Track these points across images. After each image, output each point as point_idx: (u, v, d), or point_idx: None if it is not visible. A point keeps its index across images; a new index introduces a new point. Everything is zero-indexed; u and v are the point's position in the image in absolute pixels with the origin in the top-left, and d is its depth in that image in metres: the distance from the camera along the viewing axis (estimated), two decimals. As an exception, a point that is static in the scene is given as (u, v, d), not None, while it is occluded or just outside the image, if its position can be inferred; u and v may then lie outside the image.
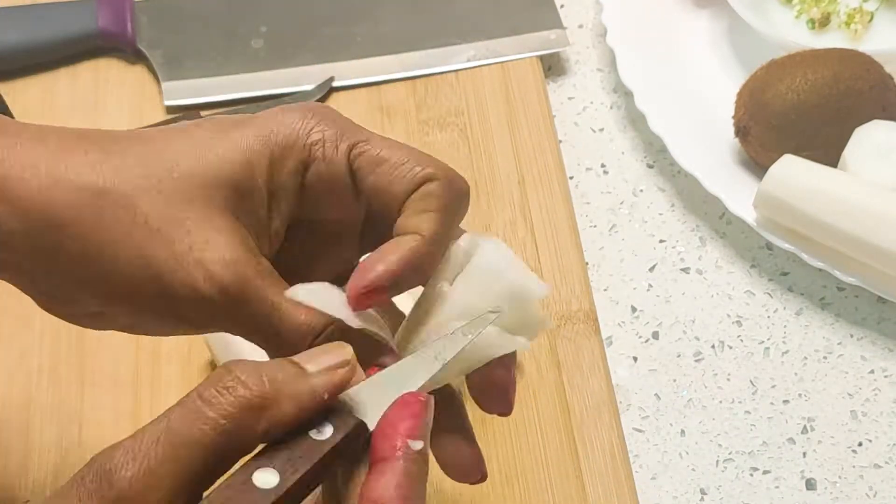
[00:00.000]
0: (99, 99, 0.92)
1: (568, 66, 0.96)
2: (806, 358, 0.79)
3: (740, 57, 0.93)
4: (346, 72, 0.93)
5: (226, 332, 0.52)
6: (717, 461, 0.75)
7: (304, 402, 0.45)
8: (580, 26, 0.98)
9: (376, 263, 0.50)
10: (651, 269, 0.84)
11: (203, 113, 0.89)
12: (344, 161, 0.52)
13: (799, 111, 0.81)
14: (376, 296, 0.50)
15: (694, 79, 0.91)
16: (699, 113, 0.89)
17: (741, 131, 0.84)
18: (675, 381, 0.79)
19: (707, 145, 0.87)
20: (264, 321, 0.50)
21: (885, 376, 0.78)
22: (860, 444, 0.76)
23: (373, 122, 0.90)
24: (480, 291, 0.52)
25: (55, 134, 0.52)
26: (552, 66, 0.95)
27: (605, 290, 0.83)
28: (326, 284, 0.52)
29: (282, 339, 0.50)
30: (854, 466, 0.75)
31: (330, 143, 0.52)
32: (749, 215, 0.82)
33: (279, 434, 0.44)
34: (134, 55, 0.94)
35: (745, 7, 0.90)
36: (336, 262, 0.56)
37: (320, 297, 0.51)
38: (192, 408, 0.43)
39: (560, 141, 0.91)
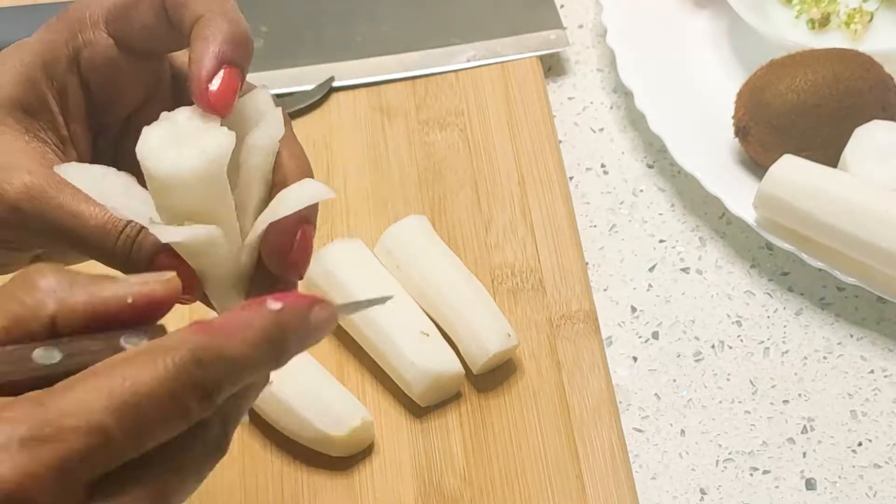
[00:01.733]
0: (99, 99, 0.92)
1: (568, 66, 0.96)
2: (806, 358, 0.79)
3: (740, 57, 0.93)
4: (346, 72, 0.93)
5: (47, 249, 0.54)
6: (717, 461, 0.75)
7: (102, 297, 0.44)
8: (580, 26, 0.98)
9: (200, 56, 0.50)
10: (651, 269, 0.84)
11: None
12: (104, 36, 0.54)
13: (799, 111, 0.81)
14: (224, 86, 0.50)
15: (694, 79, 0.91)
16: (699, 113, 0.89)
17: (741, 131, 0.84)
18: (675, 381, 0.79)
19: (707, 145, 0.87)
20: (71, 231, 0.51)
21: (885, 376, 0.78)
22: (860, 444, 0.76)
23: (373, 122, 0.90)
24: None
25: None
26: (552, 66, 0.96)
27: (605, 290, 0.83)
28: (109, 169, 0.50)
29: (91, 246, 0.51)
30: (854, 466, 0.75)
31: (86, 31, 0.54)
32: (749, 215, 0.82)
33: (72, 324, 0.44)
34: (134, 55, 0.94)
35: (745, 7, 0.90)
36: None
37: (91, 178, 0.50)
38: None
39: (560, 141, 0.91)
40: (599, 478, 0.72)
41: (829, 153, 0.81)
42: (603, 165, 0.90)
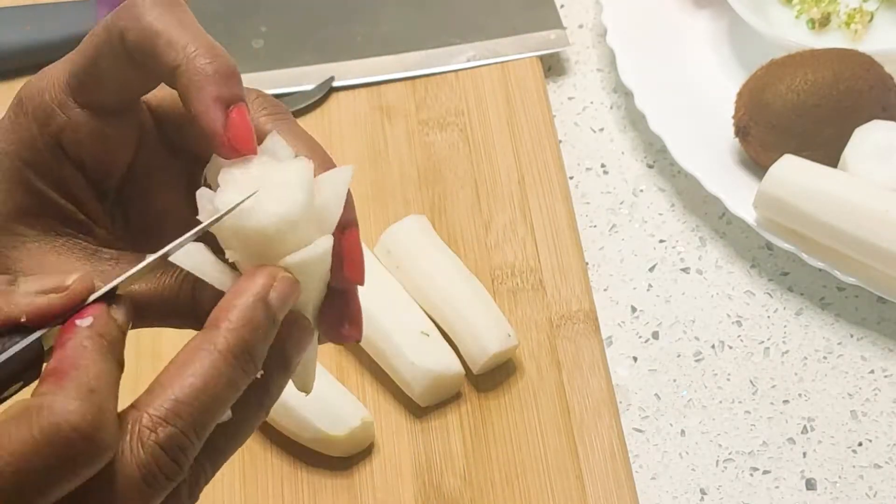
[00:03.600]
0: (99, 99, 0.92)
1: (568, 66, 0.96)
2: (806, 358, 0.79)
3: (740, 57, 0.93)
4: (346, 72, 0.93)
5: None
6: (717, 461, 0.75)
7: None
8: (580, 26, 0.98)
9: (210, 105, 0.47)
10: (651, 269, 0.84)
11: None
12: (77, 111, 0.50)
13: (799, 111, 0.81)
14: (243, 118, 0.48)
15: (694, 79, 0.91)
16: (699, 113, 0.89)
17: (741, 131, 0.84)
18: (675, 381, 0.79)
19: (707, 145, 0.87)
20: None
21: (885, 376, 0.78)
22: (860, 444, 0.76)
23: (373, 122, 0.90)
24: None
25: None
26: (552, 66, 0.96)
27: (605, 290, 0.83)
28: (200, 246, 0.48)
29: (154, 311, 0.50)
30: (854, 466, 0.75)
31: (55, 115, 0.50)
32: (749, 215, 0.82)
33: None
34: (134, 55, 0.94)
35: (745, 7, 0.90)
36: (172, 201, 0.54)
37: (195, 260, 0.48)
38: None
39: (560, 141, 0.91)
40: (599, 478, 0.72)
41: (829, 153, 0.81)
42: (603, 165, 0.90)
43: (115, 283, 0.46)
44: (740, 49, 0.93)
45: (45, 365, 0.45)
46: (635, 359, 0.80)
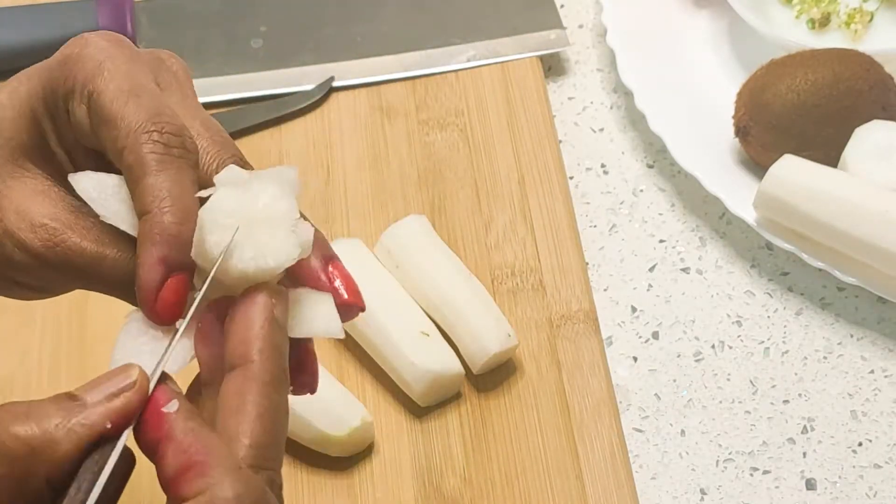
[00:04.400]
0: (99, 99, 0.92)
1: (568, 66, 0.96)
2: (806, 358, 0.79)
3: (740, 57, 0.93)
4: (346, 72, 0.93)
5: (69, 290, 0.53)
6: (717, 461, 0.75)
7: (83, 436, 0.45)
8: (580, 26, 0.98)
9: (139, 271, 0.48)
10: (651, 269, 0.84)
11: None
12: (87, 116, 0.51)
13: (799, 111, 0.81)
14: (170, 295, 0.48)
15: (694, 79, 0.91)
16: (699, 113, 0.89)
17: (741, 131, 0.84)
18: (675, 381, 0.79)
19: (707, 145, 0.87)
20: (94, 272, 0.50)
21: (885, 376, 0.78)
22: (860, 444, 0.76)
23: (373, 122, 0.90)
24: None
25: None
26: (552, 66, 0.96)
27: (605, 290, 0.83)
28: (116, 179, 0.49)
29: (109, 284, 0.50)
30: (854, 466, 0.75)
31: (77, 94, 0.51)
32: (749, 215, 0.82)
33: (69, 470, 0.44)
34: (134, 55, 0.94)
35: (745, 7, 0.90)
36: None
37: (100, 187, 0.49)
38: None
39: (560, 141, 0.91)
40: (599, 478, 0.72)
41: (829, 153, 0.81)
42: (603, 165, 0.90)
43: (161, 367, 0.47)
44: (740, 49, 0.93)
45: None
46: (635, 359, 0.80)
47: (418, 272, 0.78)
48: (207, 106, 0.90)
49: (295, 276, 0.50)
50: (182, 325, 0.48)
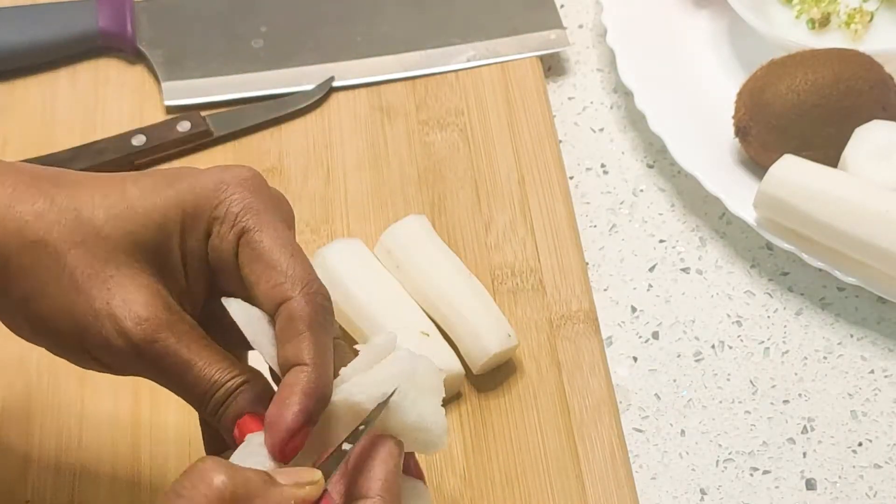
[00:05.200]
0: (99, 99, 0.92)
1: (568, 66, 0.96)
2: (806, 358, 0.80)
3: (740, 57, 0.93)
4: (346, 72, 0.93)
5: (135, 375, 0.56)
6: (717, 461, 0.75)
7: None
8: (580, 26, 0.98)
9: (282, 411, 0.53)
10: (651, 269, 0.84)
11: (203, 113, 0.89)
12: (233, 244, 0.56)
13: (799, 111, 0.81)
14: (298, 439, 0.53)
15: (694, 79, 0.91)
16: (699, 113, 0.89)
17: (741, 131, 0.84)
18: (675, 381, 0.79)
19: (707, 145, 0.87)
20: (177, 376, 0.54)
21: (885, 376, 0.78)
22: (860, 444, 0.76)
23: (373, 122, 0.90)
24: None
25: (13, 175, 0.56)
26: (552, 66, 0.96)
27: (605, 290, 0.83)
28: (260, 313, 0.55)
29: (190, 393, 0.55)
30: (854, 466, 0.75)
31: (228, 222, 0.56)
32: (749, 215, 0.82)
33: None
34: (134, 55, 0.94)
35: (745, 7, 0.90)
36: None
37: (247, 317, 0.55)
38: (168, 501, 0.48)
39: (560, 141, 0.91)
40: (599, 478, 0.72)
41: (829, 153, 0.81)
42: (603, 165, 0.90)
43: (327, 485, 0.53)
44: (740, 49, 0.93)
45: None
46: (635, 359, 0.80)
47: (418, 272, 0.78)
48: (207, 106, 0.91)
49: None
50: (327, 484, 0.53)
